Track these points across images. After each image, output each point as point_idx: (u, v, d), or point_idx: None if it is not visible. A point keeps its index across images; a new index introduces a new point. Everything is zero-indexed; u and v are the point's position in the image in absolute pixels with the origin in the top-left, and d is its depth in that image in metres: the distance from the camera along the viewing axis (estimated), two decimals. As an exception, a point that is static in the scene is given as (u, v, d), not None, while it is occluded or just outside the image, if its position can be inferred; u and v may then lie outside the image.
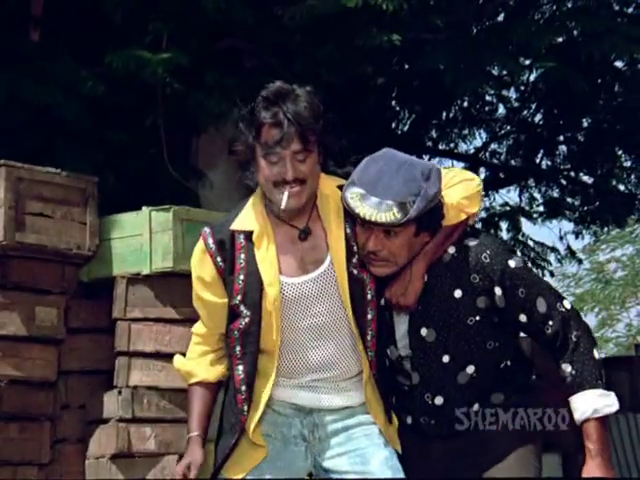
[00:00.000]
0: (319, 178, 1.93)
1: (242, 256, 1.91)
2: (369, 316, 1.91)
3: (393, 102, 6.11)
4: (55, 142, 3.83)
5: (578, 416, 1.90)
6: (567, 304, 1.94)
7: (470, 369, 1.94)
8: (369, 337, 1.92)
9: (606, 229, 7.40)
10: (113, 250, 3.42)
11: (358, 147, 2.07)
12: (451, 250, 1.93)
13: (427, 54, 4.21)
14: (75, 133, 3.85)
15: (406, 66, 5.45)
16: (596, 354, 1.92)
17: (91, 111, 3.84)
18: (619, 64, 5.60)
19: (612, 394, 1.90)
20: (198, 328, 2.06)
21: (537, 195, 7.02)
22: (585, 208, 6.71)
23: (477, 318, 1.92)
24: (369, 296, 1.91)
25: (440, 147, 6.64)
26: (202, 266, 1.97)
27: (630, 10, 5.23)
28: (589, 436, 1.89)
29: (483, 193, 2.03)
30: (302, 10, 3.86)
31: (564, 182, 6.78)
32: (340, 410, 1.95)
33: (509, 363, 1.99)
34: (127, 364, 3.30)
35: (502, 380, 1.98)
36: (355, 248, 1.92)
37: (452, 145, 6.73)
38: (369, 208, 1.84)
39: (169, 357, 3.31)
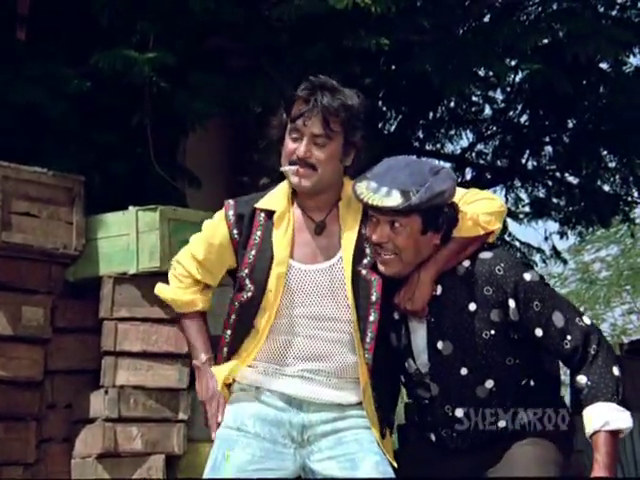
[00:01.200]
0: (336, 172, 1.97)
1: (258, 233, 1.97)
2: (371, 318, 1.93)
3: (380, 102, 6.12)
4: (42, 142, 3.82)
5: (589, 428, 1.86)
6: (587, 320, 1.92)
7: (489, 383, 1.94)
8: (368, 339, 1.93)
9: (591, 229, 7.44)
10: (100, 250, 3.42)
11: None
12: (466, 263, 1.94)
13: (415, 56, 4.23)
14: (62, 133, 3.84)
15: (393, 67, 5.47)
16: (616, 370, 1.88)
17: (78, 111, 3.83)
18: (604, 65, 5.64)
19: (627, 411, 1.86)
20: (189, 267, 2.05)
21: (523, 195, 7.07)
22: (570, 208, 6.75)
23: (492, 332, 1.91)
24: (374, 297, 1.93)
25: (427, 147, 6.66)
26: (215, 231, 2.02)
27: (614, 12, 5.28)
28: (598, 448, 1.84)
29: (506, 213, 2.05)
30: (290, 10, 3.87)
31: (550, 182, 6.82)
32: (330, 407, 1.95)
33: (532, 382, 1.97)
34: (114, 364, 3.29)
35: (526, 399, 1.96)
36: (368, 250, 1.95)
37: (439, 145, 6.76)
38: (373, 194, 1.90)
39: (156, 357, 3.33)
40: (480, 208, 1.96)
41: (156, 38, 3.81)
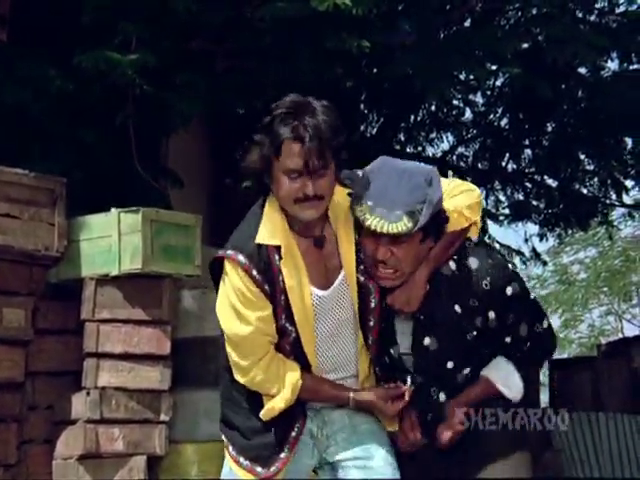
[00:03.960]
0: (334, 190, 1.97)
1: (280, 277, 1.93)
2: (371, 323, 1.98)
3: (362, 105, 6.15)
4: (25, 142, 3.81)
5: (485, 371, 2.00)
6: (545, 323, 2.05)
7: (466, 371, 2.02)
8: (370, 342, 2.00)
9: (570, 232, 7.52)
10: (82, 251, 3.41)
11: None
12: (452, 266, 1.98)
13: (396, 59, 4.26)
14: (44, 133, 3.83)
15: (375, 70, 5.50)
16: (544, 362, 2.05)
17: (60, 111, 3.82)
18: (582, 70, 5.71)
19: (518, 386, 2.00)
20: (250, 361, 1.96)
21: (503, 198, 7.13)
22: (549, 211, 6.82)
23: (474, 334, 1.99)
24: (372, 304, 1.97)
25: (408, 150, 6.70)
26: (250, 296, 1.92)
27: (592, 18, 5.35)
28: (475, 385, 1.99)
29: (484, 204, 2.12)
30: (272, 11, 3.89)
31: (529, 185, 6.89)
32: (346, 407, 2.02)
33: None
34: (95, 365, 3.29)
35: None
36: (362, 255, 1.97)
37: (420, 148, 6.80)
38: (379, 220, 1.89)
39: (137, 358, 3.33)
40: (462, 201, 2.01)
41: (139, 39, 3.81)
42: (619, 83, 5.53)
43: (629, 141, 6.33)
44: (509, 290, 1.99)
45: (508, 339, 2.02)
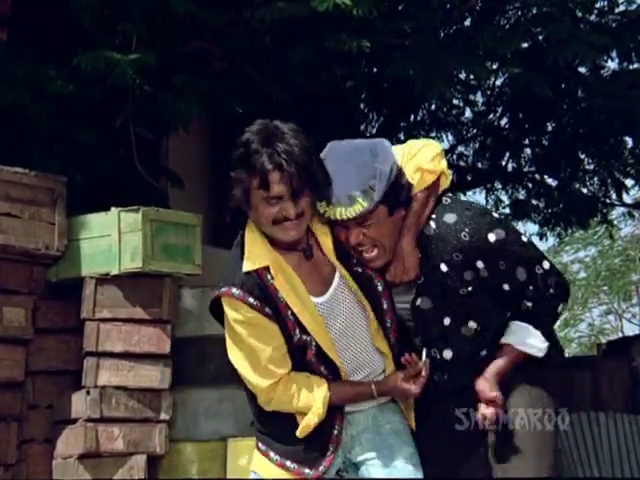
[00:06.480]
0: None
1: (279, 295, 1.94)
2: (385, 306, 2.00)
3: (362, 105, 6.16)
4: (25, 142, 3.81)
5: (503, 339, 1.98)
6: (546, 264, 2.00)
7: (472, 324, 2.00)
8: (388, 325, 2.01)
9: (570, 231, 7.53)
10: (82, 250, 3.42)
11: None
12: (433, 225, 1.98)
13: (396, 59, 4.27)
14: (44, 133, 3.84)
15: (375, 70, 5.51)
16: (560, 308, 2.00)
17: (60, 111, 3.83)
18: (582, 70, 5.72)
19: (546, 344, 1.98)
20: (263, 378, 1.97)
21: (503, 197, 7.15)
22: (549, 210, 6.83)
23: (469, 289, 1.98)
24: (380, 288, 2.00)
25: (408, 149, 6.68)
26: (255, 323, 1.94)
27: (592, 17, 5.35)
28: (499, 355, 1.97)
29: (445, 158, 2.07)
30: (272, 12, 3.89)
31: (529, 185, 6.90)
32: (370, 409, 2.05)
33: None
34: (95, 364, 3.30)
35: None
36: (350, 250, 1.99)
37: (420, 148, 6.78)
38: (337, 208, 1.91)
39: (138, 357, 3.34)
40: (422, 157, 2.01)
41: (139, 40, 3.82)
42: (619, 82, 5.53)
43: (629, 140, 6.33)
44: (492, 237, 1.96)
45: (506, 286, 1.98)
